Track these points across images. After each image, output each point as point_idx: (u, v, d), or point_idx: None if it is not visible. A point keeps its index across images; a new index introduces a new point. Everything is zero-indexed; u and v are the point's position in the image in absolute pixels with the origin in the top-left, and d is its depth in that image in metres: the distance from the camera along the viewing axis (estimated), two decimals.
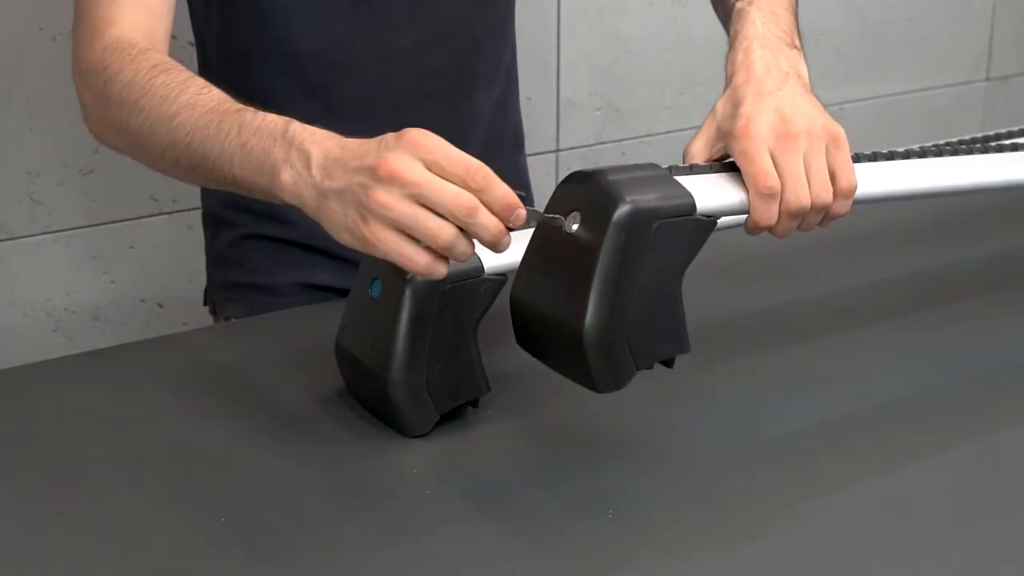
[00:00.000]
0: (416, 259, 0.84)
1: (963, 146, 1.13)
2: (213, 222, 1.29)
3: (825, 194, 0.95)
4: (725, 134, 0.97)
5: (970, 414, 1.02)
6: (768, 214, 0.95)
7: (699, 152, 1.00)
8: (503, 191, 0.84)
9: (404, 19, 1.19)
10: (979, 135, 1.20)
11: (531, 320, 0.90)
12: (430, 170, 0.83)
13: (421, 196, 0.83)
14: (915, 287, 1.27)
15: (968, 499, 0.90)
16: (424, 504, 0.89)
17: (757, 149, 0.94)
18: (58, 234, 1.65)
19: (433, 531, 0.86)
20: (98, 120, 1.05)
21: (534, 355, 0.92)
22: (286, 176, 0.88)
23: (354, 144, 0.87)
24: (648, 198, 0.87)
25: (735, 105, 0.98)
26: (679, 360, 0.92)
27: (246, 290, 1.26)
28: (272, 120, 0.92)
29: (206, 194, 1.31)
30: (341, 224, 0.85)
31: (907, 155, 1.07)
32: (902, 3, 2.26)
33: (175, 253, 1.71)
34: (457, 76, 1.24)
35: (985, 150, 1.12)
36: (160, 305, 1.73)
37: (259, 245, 1.25)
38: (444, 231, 0.83)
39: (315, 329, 1.12)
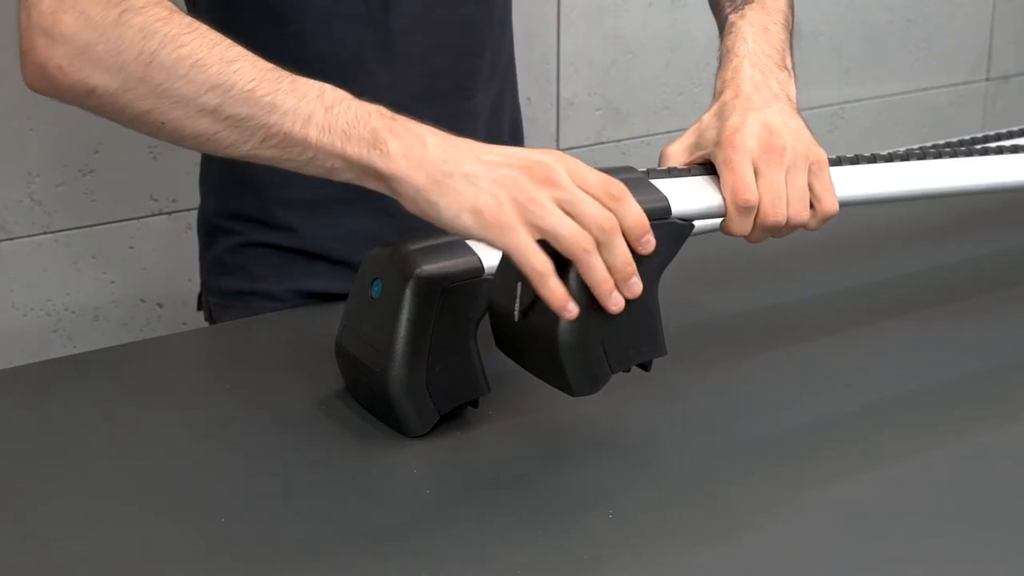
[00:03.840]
0: (544, 261, 0.83)
1: (962, 147, 1.13)
2: (208, 230, 1.29)
3: (802, 213, 0.96)
4: (709, 142, 0.98)
5: (967, 413, 1.02)
6: (743, 225, 0.96)
7: (676, 155, 1.00)
8: (638, 210, 0.85)
9: (413, 23, 1.19)
10: (979, 135, 1.21)
11: (509, 324, 0.90)
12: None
13: (571, 204, 0.83)
14: (911, 286, 1.27)
15: (965, 498, 0.90)
16: (424, 504, 0.89)
17: (740, 160, 0.95)
18: (58, 234, 1.65)
19: (433, 531, 0.86)
20: (81, 51, 0.88)
21: (513, 359, 0.92)
22: (395, 147, 0.86)
23: (477, 143, 0.87)
24: None
25: (722, 118, 0.98)
26: (678, 360, 0.92)
27: (245, 297, 1.26)
28: (355, 98, 0.89)
29: (200, 202, 1.31)
30: (467, 204, 0.84)
31: (897, 157, 1.07)
32: (902, 3, 2.26)
33: (175, 253, 1.71)
34: (459, 77, 1.24)
35: (984, 152, 1.12)
36: (160, 305, 1.73)
37: (258, 252, 1.25)
38: (585, 239, 0.83)
39: (315, 329, 1.12)
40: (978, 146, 1.15)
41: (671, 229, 0.90)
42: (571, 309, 0.84)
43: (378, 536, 0.86)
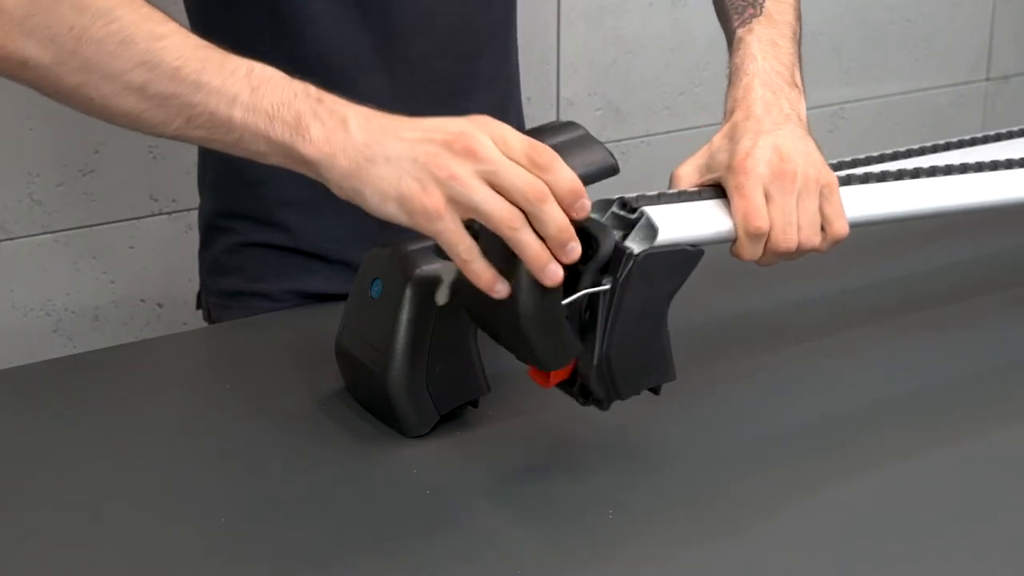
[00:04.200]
0: (469, 247, 0.82)
1: (963, 147, 1.13)
2: (207, 230, 1.29)
3: (814, 238, 0.96)
4: (720, 166, 0.97)
5: (968, 415, 1.02)
6: (753, 251, 0.95)
7: (687, 177, 0.99)
8: (570, 175, 0.82)
9: (413, 27, 1.19)
10: (979, 135, 1.20)
11: (478, 301, 0.88)
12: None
13: (494, 175, 0.81)
14: (914, 287, 1.27)
15: (968, 499, 0.90)
16: (424, 504, 0.89)
17: (752, 185, 0.94)
18: (58, 234, 1.65)
19: (433, 531, 0.86)
20: (16, 23, 0.86)
21: (489, 335, 0.91)
22: (316, 132, 0.84)
23: (400, 118, 0.85)
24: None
25: (733, 140, 0.98)
26: (679, 361, 0.92)
27: (243, 298, 1.26)
28: (284, 76, 0.87)
29: (201, 200, 1.31)
30: (391, 192, 0.82)
31: (907, 174, 1.06)
32: (902, 3, 2.26)
33: (175, 253, 1.71)
34: (460, 79, 1.24)
35: (994, 166, 1.12)
36: (160, 305, 1.73)
37: (256, 252, 1.24)
38: (514, 215, 0.81)
39: (315, 329, 1.12)
40: (978, 146, 1.15)
41: (680, 256, 0.90)
42: (499, 290, 0.82)
43: (378, 536, 0.86)
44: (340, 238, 1.22)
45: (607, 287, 0.86)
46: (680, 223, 0.90)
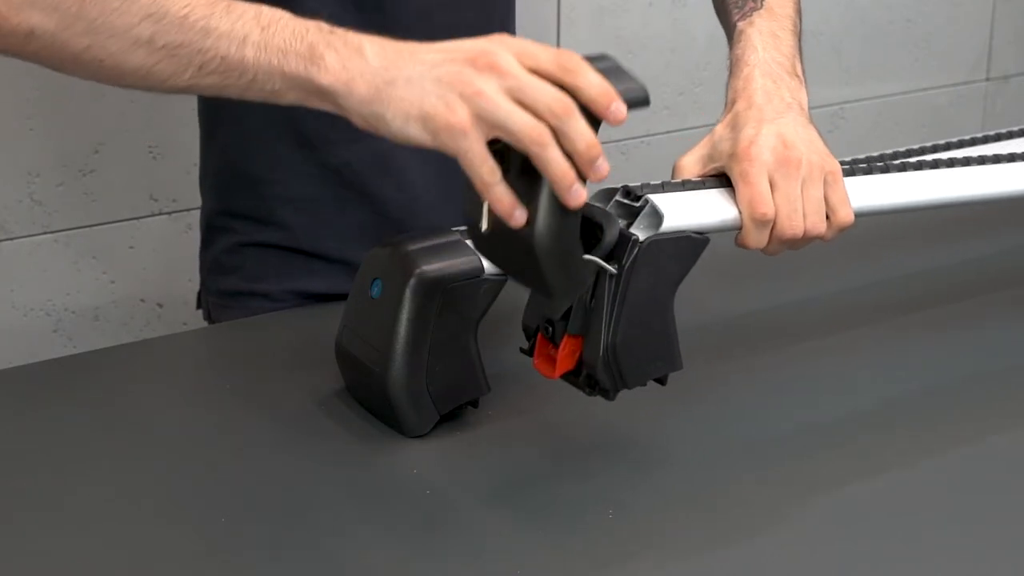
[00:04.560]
0: (492, 168, 0.79)
1: (963, 147, 1.13)
2: (207, 229, 1.29)
3: (819, 225, 0.96)
4: (724, 155, 0.97)
5: (968, 415, 1.02)
6: (759, 238, 0.95)
7: (690, 167, 0.99)
8: (599, 79, 0.79)
9: (410, 26, 1.19)
10: (979, 135, 1.20)
11: (481, 236, 0.86)
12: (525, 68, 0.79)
13: (519, 90, 0.79)
14: (913, 288, 1.27)
15: (970, 500, 0.90)
16: (424, 504, 0.89)
17: (756, 172, 0.94)
18: (58, 234, 1.65)
19: (433, 531, 0.86)
20: None
21: (496, 266, 0.89)
22: (331, 60, 0.82)
23: (419, 44, 0.83)
24: None
25: (736, 129, 0.98)
26: (682, 360, 0.92)
27: (243, 298, 1.26)
28: (292, 15, 0.86)
29: (202, 200, 1.31)
30: (413, 111, 0.80)
31: (910, 166, 1.07)
32: (902, 3, 2.26)
33: (175, 253, 1.71)
34: None
35: (996, 159, 1.12)
36: (160, 305, 1.73)
37: (256, 252, 1.25)
38: (541, 131, 0.78)
39: (315, 329, 1.12)
40: (979, 145, 1.15)
41: (685, 243, 0.90)
42: (518, 216, 0.80)
43: (378, 536, 0.86)
44: (340, 237, 1.22)
45: (614, 270, 0.86)
46: (685, 211, 0.90)
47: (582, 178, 0.80)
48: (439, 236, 0.97)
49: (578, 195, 0.79)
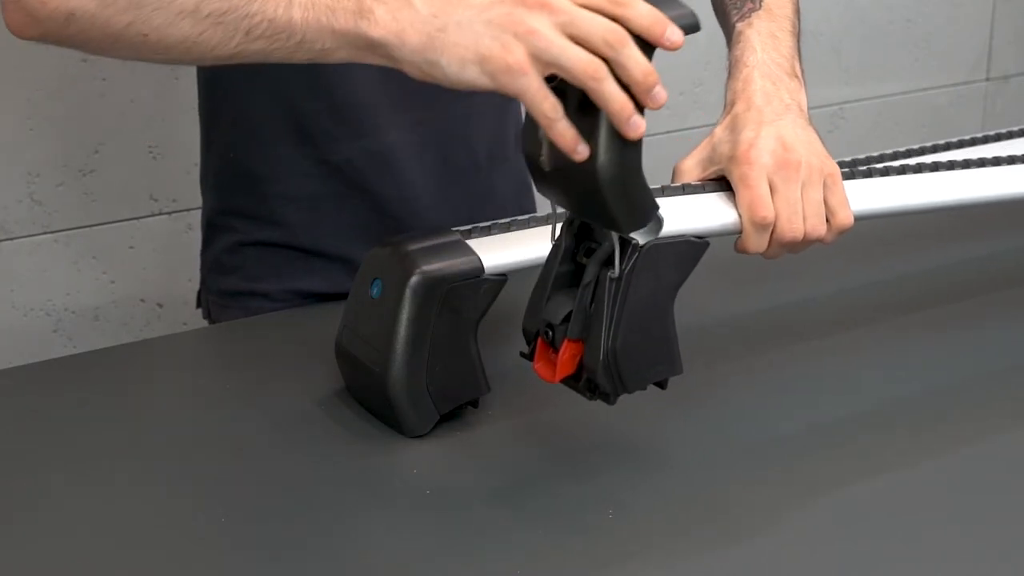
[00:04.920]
0: (554, 104, 0.79)
1: (963, 147, 1.13)
2: (208, 228, 1.29)
3: (819, 228, 0.95)
4: (723, 158, 0.97)
5: (970, 415, 1.02)
6: (759, 242, 0.95)
7: (690, 171, 0.99)
8: (649, 8, 0.80)
9: None
10: (979, 135, 1.20)
11: (542, 172, 0.86)
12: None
13: (572, 25, 0.79)
14: (915, 288, 1.27)
15: (967, 500, 0.90)
16: (424, 504, 0.89)
17: (756, 175, 0.94)
18: (58, 234, 1.65)
19: (433, 531, 0.86)
20: None
21: (555, 203, 0.89)
22: (380, 12, 0.82)
23: None
24: None
25: (735, 131, 0.97)
26: (683, 360, 0.92)
27: (243, 298, 1.26)
28: None
29: (203, 200, 1.31)
30: (469, 55, 0.80)
31: (910, 169, 1.07)
32: (902, 3, 2.26)
33: (175, 253, 1.71)
34: None
35: (996, 162, 1.12)
36: (160, 305, 1.73)
37: (256, 252, 1.25)
38: (597, 65, 0.78)
39: (315, 329, 1.12)
40: (979, 145, 1.15)
41: (685, 247, 0.90)
42: (580, 151, 0.80)
43: (378, 536, 0.86)
44: (340, 235, 1.22)
45: (615, 275, 0.86)
46: (685, 215, 0.90)
47: (640, 109, 0.80)
48: (439, 236, 0.97)
49: (637, 126, 0.80)
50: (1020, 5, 2.39)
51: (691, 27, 0.83)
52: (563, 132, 0.80)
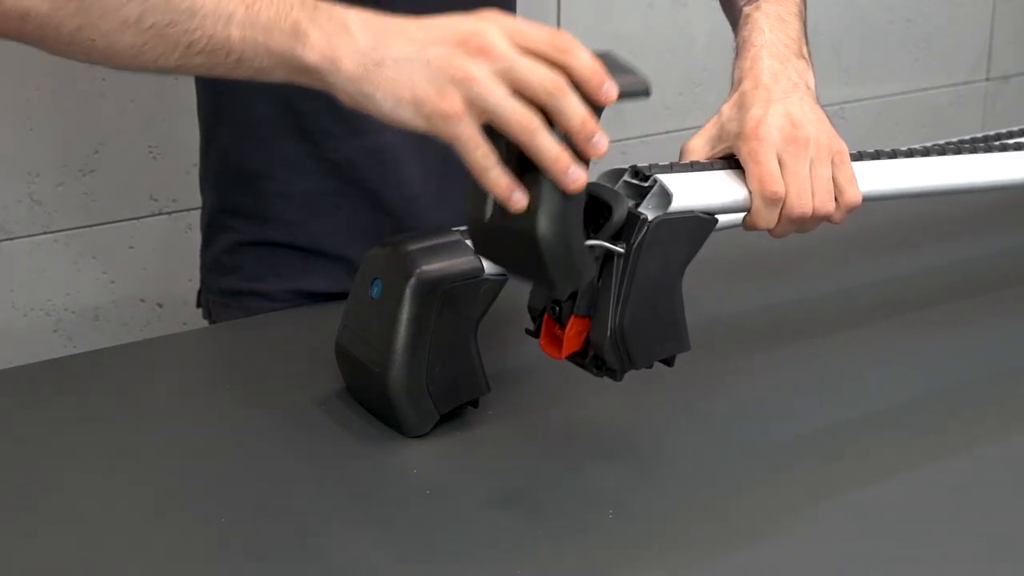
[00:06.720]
0: (487, 153, 0.78)
1: (965, 145, 1.13)
2: (208, 228, 1.29)
3: (828, 204, 0.95)
4: (731, 135, 0.97)
5: (973, 415, 1.02)
6: (769, 217, 0.95)
7: (698, 149, 0.99)
8: (590, 59, 0.79)
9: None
10: (979, 135, 1.20)
11: (482, 228, 0.84)
12: (517, 48, 0.79)
13: (511, 72, 0.78)
14: (920, 286, 1.27)
15: (973, 503, 0.90)
16: (424, 504, 0.89)
17: (765, 151, 0.94)
18: (58, 234, 1.65)
19: (433, 531, 0.86)
20: None
21: (493, 262, 0.89)
22: (315, 36, 0.81)
23: (404, 19, 0.82)
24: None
25: (743, 108, 0.98)
26: (681, 359, 0.92)
27: (243, 297, 1.26)
28: None
29: (202, 199, 1.31)
30: (405, 95, 0.79)
31: (917, 153, 1.07)
32: (902, 3, 2.26)
33: (175, 253, 1.71)
34: None
35: (988, 149, 1.12)
36: (160, 305, 1.73)
37: (255, 251, 1.25)
38: (530, 118, 0.77)
39: (315, 329, 1.12)
40: (981, 145, 1.15)
41: (694, 223, 0.89)
42: (516, 199, 0.78)
43: (378, 536, 0.85)
44: (340, 234, 1.22)
45: (622, 250, 0.86)
46: (694, 191, 0.90)
47: (583, 159, 0.79)
48: (439, 236, 0.97)
49: (576, 178, 0.78)
50: (1020, 5, 2.39)
51: (640, 92, 0.82)
52: (496, 180, 0.79)
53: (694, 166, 0.95)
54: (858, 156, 1.02)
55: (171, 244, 1.71)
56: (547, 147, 0.78)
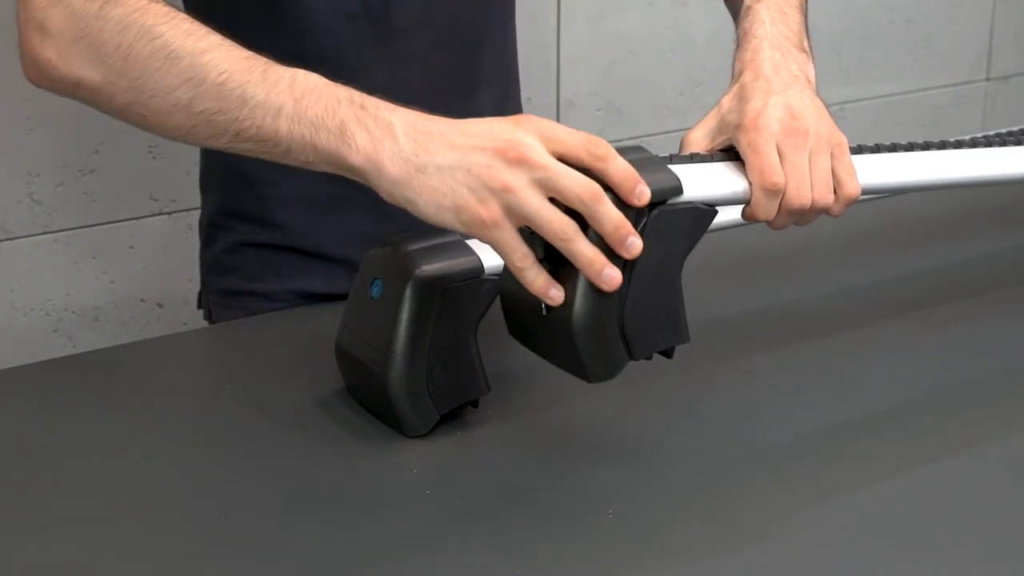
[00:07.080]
0: (525, 255, 0.83)
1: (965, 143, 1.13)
2: (208, 228, 1.29)
3: (827, 196, 0.96)
4: (731, 126, 0.97)
5: (973, 416, 1.02)
6: (768, 208, 0.95)
7: (698, 141, 1.00)
8: (625, 164, 0.83)
9: (413, 22, 1.19)
10: (979, 136, 1.20)
11: (522, 311, 0.89)
12: (554, 154, 0.83)
13: (549, 181, 0.82)
14: (920, 286, 1.27)
15: (975, 503, 0.90)
16: (424, 504, 0.89)
17: (765, 142, 0.94)
18: (58, 234, 1.65)
19: (433, 531, 0.86)
20: (68, 45, 0.91)
21: (527, 346, 0.91)
22: (362, 140, 0.85)
23: (447, 121, 0.85)
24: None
25: (743, 100, 0.98)
26: (681, 359, 0.92)
27: (243, 297, 1.26)
28: (326, 80, 0.88)
29: (202, 200, 1.31)
30: (446, 203, 0.83)
31: (917, 147, 1.07)
32: (902, 3, 2.26)
33: (175, 253, 1.71)
34: (460, 76, 1.24)
35: (1004, 142, 1.12)
36: (160, 305, 1.73)
37: (255, 252, 1.25)
38: (567, 226, 0.82)
39: (315, 329, 1.12)
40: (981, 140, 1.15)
41: (694, 214, 0.90)
42: (554, 295, 0.83)
43: (378, 536, 0.85)
44: (340, 237, 1.22)
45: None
46: (694, 183, 0.90)
47: (617, 257, 0.84)
48: (439, 236, 0.97)
49: (611, 279, 0.83)
50: (1020, 5, 2.39)
51: (673, 191, 0.87)
52: (533, 280, 0.84)
53: (694, 157, 0.95)
54: (858, 149, 1.02)
55: (171, 244, 1.71)
56: (583, 252, 0.82)
